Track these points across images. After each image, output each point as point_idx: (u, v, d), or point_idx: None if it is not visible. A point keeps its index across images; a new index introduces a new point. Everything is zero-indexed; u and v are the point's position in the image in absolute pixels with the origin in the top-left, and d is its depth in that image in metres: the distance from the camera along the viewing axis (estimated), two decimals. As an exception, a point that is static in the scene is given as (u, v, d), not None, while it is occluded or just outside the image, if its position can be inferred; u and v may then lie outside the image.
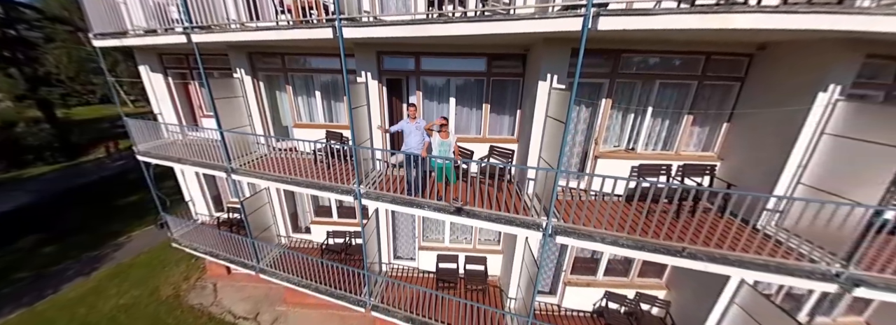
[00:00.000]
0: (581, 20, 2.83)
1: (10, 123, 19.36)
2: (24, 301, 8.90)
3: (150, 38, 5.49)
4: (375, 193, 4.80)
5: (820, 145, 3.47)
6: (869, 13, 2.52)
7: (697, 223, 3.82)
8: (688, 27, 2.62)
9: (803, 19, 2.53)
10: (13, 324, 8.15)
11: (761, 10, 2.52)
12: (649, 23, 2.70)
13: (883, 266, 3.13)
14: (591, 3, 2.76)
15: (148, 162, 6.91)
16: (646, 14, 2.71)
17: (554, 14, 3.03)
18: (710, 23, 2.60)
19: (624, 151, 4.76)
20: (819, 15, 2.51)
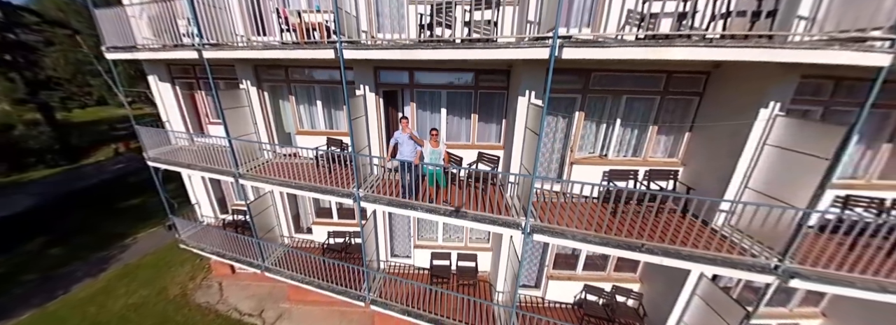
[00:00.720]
0: (548, 50, 3.32)
1: (9, 126, 19.58)
2: (35, 302, 9.26)
3: (162, 53, 5.90)
4: (373, 196, 5.26)
5: (763, 155, 3.98)
6: (790, 47, 3.02)
7: (662, 223, 4.34)
8: (635, 58, 3.11)
9: (731, 52, 3.03)
10: (26, 324, 8.53)
11: (695, 45, 3.02)
12: (604, 54, 3.19)
13: (815, 260, 3.65)
14: (556, 36, 3.25)
15: (158, 167, 7.33)
16: (601, 46, 3.20)
17: (526, 44, 3.51)
18: (653, 55, 3.09)
19: (597, 157, 5.27)
20: (744, 49, 3.00)
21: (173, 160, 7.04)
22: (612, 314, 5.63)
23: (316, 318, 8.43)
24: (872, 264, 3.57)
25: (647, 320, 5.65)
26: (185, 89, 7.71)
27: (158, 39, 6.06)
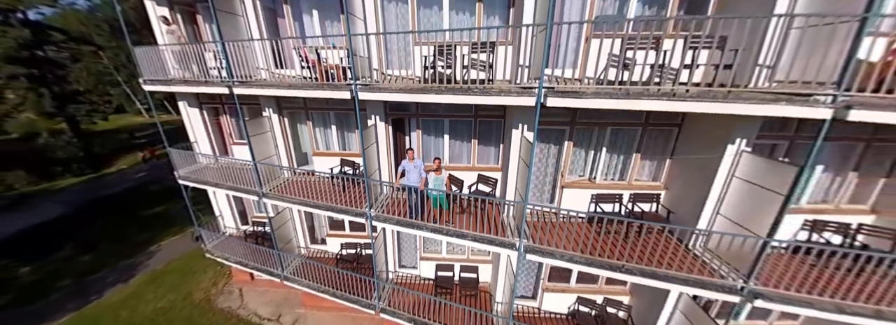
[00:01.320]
0: (534, 99, 3.87)
1: (34, 134, 20.68)
2: (71, 306, 10.07)
3: (195, 87, 6.60)
4: (383, 216, 5.85)
5: (731, 186, 4.44)
6: (742, 102, 3.49)
7: (643, 243, 4.82)
8: (609, 108, 3.64)
9: (691, 106, 3.53)
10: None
11: (659, 99, 3.53)
12: (582, 103, 3.73)
13: (780, 281, 4.09)
14: (541, 86, 3.80)
15: (187, 185, 8.06)
16: (579, 96, 3.74)
17: (515, 92, 4.07)
18: (625, 106, 3.61)
19: (587, 180, 5.77)
20: (702, 103, 3.50)
21: (202, 179, 7.75)
22: (601, 322, 6.10)
23: (329, 323, 9.04)
24: (831, 284, 4.00)
25: (636, 329, 6.10)
26: (211, 114, 8.44)
27: (185, 70, 6.80)
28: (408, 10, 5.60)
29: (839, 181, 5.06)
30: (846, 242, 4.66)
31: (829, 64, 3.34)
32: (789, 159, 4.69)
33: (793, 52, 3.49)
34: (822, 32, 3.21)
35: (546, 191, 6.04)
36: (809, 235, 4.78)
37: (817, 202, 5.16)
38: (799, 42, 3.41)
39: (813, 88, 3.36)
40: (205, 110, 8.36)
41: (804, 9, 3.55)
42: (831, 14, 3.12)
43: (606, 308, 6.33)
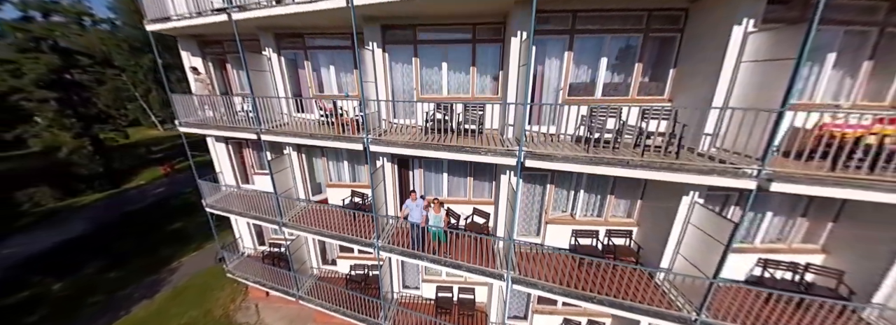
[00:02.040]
0: (516, 159, 4.70)
1: (54, 148, 21.67)
2: (102, 322, 10.92)
3: (227, 132, 7.54)
4: (389, 247, 6.67)
5: (687, 231, 5.16)
6: (685, 172, 4.26)
7: (619, 275, 5.55)
8: (575, 170, 4.46)
9: (643, 173, 4.32)
10: (99, 340, 10.17)
11: (615, 166, 4.35)
12: (553, 166, 4.55)
13: (728, 313, 4.79)
14: (521, 149, 4.63)
15: (213, 213, 8.97)
16: (551, 160, 4.56)
17: (501, 153, 4.91)
18: (587, 170, 4.43)
19: (568, 216, 6.56)
20: (651, 171, 4.28)
21: (228, 208, 8.66)
22: (586, 344, 6.79)
23: (339, 338, 9.77)
24: (774, 317, 4.70)
25: (616, 349, 6.78)
26: (235, 148, 9.40)
27: (215, 111, 7.78)
28: (412, 69, 6.52)
29: (791, 224, 5.76)
30: (796, 278, 5.37)
31: (754, 143, 4.11)
32: (740, 207, 5.45)
33: (733, 127, 4.24)
34: (750, 116, 3.97)
35: (533, 224, 6.83)
36: (762, 272, 5.49)
37: (773, 241, 5.85)
38: (733, 122, 4.18)
39: (743, 160, 4.14)
40: (230, 145, 9.32)
41: (737, 97, 4.32)
42: (754, 108, 3.87)
43: (591, 329, 7.03)
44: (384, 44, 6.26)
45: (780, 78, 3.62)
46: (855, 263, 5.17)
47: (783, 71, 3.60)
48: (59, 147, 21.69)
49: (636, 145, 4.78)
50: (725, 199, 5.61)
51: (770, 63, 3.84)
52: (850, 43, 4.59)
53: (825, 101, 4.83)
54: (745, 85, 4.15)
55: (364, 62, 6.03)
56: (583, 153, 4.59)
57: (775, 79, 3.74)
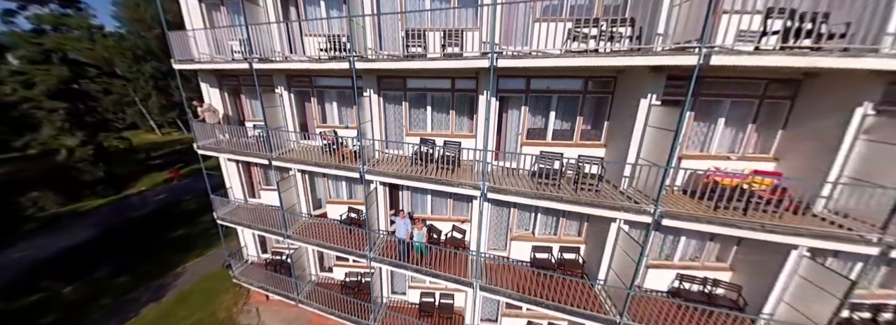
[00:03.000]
0: (479, 192, 5.99)
1: (51, 151, 22.18)
2: (112, 323, 11.85)
3: (241, 156, 8.70)
4: (379, 258, 7.87)
5: (616, 251, 6.46)
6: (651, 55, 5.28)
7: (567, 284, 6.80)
8: (547, 65, 5.76)
9: (605, 60, 5.58)
10: (111, 340, 11.09)
11: (579, 56, 5.65)
12: (509, 198, 5.84)
13: (647, 317, 6.06)
14: (484, 188, 5.92)
15: (223, 224, 10.09)
16: (506, 193, 5.86)
17: (469, 186, 6.20)
18: (557, 63, 5.73)
19: (529, 234, 7.85)
20: (617, 57, 5.42)
21: (238, 221, 9.79)
22: (545, 342, 8.03)
23: (333, 339, 10.85)
24: (684, 321, 5.98)
25: (571, 346, 8.01)
26: (244, 167, 10.54)
27: (232, 136, 8.98)
28: (402, 110, 7.82)
29: (703, 246, 7.09)
30: (705, 290, 6.70)
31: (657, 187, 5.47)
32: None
33: (643, 173, 5.60)
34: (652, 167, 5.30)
35: (501, 240, 8.11)
36: (680, 284, 6.82)
37: (690, 259, 7.19)
38: (642, 170, 5.54)
39: (646, 199, 5.49)
40: (239, 165, 10.47)
41: (646, 149, 5.65)
42: (648, 163, 5.23)
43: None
44: (379, 90, 7.56)
45: (671, 142, 4.97)
46: (751, 279, 6.51)
47: (671, 137, 4.95)
48: (58, 150, 22.38)
49: (575, 182, 6.10)
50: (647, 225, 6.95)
51: (665, 130, 5.20)
52: (737, 109, 6.00)
53: (720, 152, 6.22)
54: (651, 143, 5.50)
55: (362, 106, 7.31)
56: (529, 189, 5.90)
57: (669, 141, 5.09)
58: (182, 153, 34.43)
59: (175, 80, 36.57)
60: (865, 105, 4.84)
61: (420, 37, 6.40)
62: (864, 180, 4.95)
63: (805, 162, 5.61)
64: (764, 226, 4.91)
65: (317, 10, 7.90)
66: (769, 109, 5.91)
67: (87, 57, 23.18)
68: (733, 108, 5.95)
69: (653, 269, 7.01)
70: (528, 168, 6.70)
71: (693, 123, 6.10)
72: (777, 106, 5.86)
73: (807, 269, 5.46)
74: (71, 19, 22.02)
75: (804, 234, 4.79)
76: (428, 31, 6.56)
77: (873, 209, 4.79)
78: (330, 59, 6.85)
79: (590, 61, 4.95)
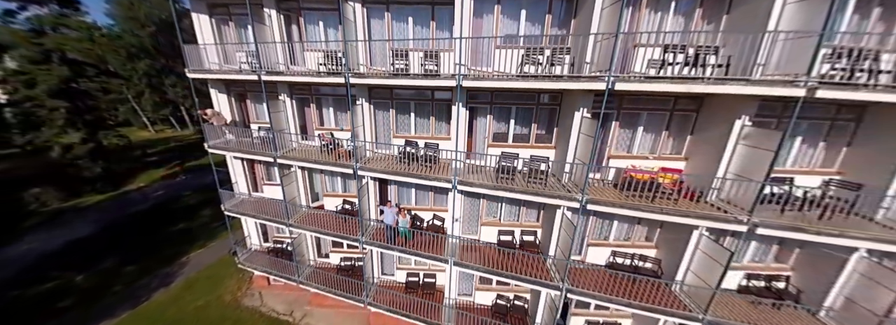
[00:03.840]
0: (450, 184, 7.44)
1: (52, 148, 22.75)
2: (127, 306, 12.98)
3: (249, 155, 9.96)
4: (370, 241, 9.27)
5: (561, 232, 8.00)
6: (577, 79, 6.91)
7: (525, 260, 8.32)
8: (506, 87, 7.24)
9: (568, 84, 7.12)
10: (127, 321, 12.23)
11: (543, 80, 7.14)
12: (479, 190, 7.32)
13: (586, 285, 7.61)
14: (455, 181, 7.37)
15: (232, 215, 11.34)
16: (475, 186, 7.33)
17: (443, 180, 7.64)
18: (510, 85, 7.21)
19: (496, 220, 9.35)
20: (569, 82, 7.03)
21: (245, 212, 11.04)
22: (510, 310, 9.58)
23: (329, 316, 12.26)
24: (615, 288, 7.55)
25: (529, 315, 9.58)
26: (249, 164, 11.76)
27: (238, 136, 10.22)
28: (390, 116, 9.19)
29: (632, 229, 8.66)
30: (635, 263, 8.30)
31: (592, 181, 7.00)
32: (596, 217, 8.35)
33: (577, 170, 7.14)
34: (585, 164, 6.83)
35: (473, 225, 9.59)
36: (613, 259, 8.41)
37: (623, 239, 8.76)
38: (577, 167, 7.05)
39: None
40: (244, 162, 11.70)
41: (580, 151, 7.19)
42: (581, 162, 6.76)
43: (515, 302, 9.81)
44: (370, 99, 8.92)
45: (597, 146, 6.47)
46: (668, 254, 8.12)
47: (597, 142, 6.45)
48: (59, 147, 22.81)
49: (528, 176, 7.59)
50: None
51: (590, 137, 6.70)
52: (653, 119, 7.56)
53: (642, 153, 7.79)
54: (583, 146, 7.00)
55: (355, 112, 8.66)
56: (491, 183, 7.38)
57: (596, 145, 6.58)
58: (177, 150, 35.08)
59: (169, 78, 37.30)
60: (743, 118, 6.41)
61: (404, 55, 7.82)
62: (742, 175, 6.54)
63: (705, 161, 7.18)
64: (663, 210, 6.48)
65: (316, 28, 9.16)
66: (679, 120, 7.48)
67: (84, 56, 23.71)
68: (649, 118, 7.50)
69: (593, 247, 8.60)
70: (493, 165, 8.17)
71: (619, 130, 7.66)
72: (685, 117, 7.43)
73: (705, 245, 7.08)
74: (70, 20, 22.55)
75: (691, 215, 6.38)
76: (410, 51, 7.97)
77: (746, 198, 6.39)
78: (328, 73, 8.18)
79: (533, 85, 6.43)
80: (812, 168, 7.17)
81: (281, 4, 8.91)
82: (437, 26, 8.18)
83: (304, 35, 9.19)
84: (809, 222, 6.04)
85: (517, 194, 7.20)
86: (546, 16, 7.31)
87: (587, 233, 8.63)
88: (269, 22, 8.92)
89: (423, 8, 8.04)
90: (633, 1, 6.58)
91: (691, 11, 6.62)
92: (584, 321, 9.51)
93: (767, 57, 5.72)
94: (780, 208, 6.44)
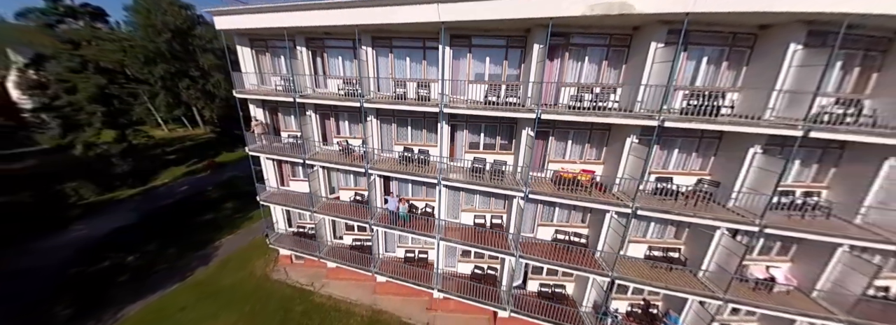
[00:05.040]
0: (436, 181, 10.40)
1: (67, 146, 25.37)
2: (175, 280, 15.89)
3: (281, 156, 12.84)
4: (376, 223, 12.23)
5: (523, 215, 10.99)
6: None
7: (493, 236, 11.32)
8: (479, 114, 10.25)
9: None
10: (174, 294, 15.09)
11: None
12: (456, 184, 10.30)
13: (534, 253, 10.61)
14: (440, 180, 10.33)
15: (266, 205, 14.27)
16: (452, 182, 10.32)
17: (431, 178, 10.62)
18: (485, 113, 10.21)
19: (473, 208, 12.34)
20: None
21: (277, 202, 13.98)
22: (484, 276, 12.60)
23: (343, 286, 15.22)
24: (557, 255, 10.55)
25: (498, 280, 12.59)
26: (277, 164, 14.65)
27: (271, 143, 13.11)
28: (392, 128, 12.11)
29: (570, 213, 11.65)
30: (570, 238, 11.29)
31: (535, 178, 9.98)
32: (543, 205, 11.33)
33: (522, 170, 10.12)
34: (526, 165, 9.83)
35: (456, 212, 12.55)
36: (556, 235, 11.41)
37: (564, 221, 11.74)
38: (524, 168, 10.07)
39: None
40: (274, 162, 14.58)
41: (523, 157, 10.20)
42: (526, 167, 9.76)
43: (488, 270, 12.83)
44: (377, 115, 11.82)
45: (533, 154, 9.40)
46: (593, 231, 11.10)
47: (535, 151, 9.40)
48: (96, 145, 25.28)
49: (492, 175, 10.53)
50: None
51: (530, 148, 9.66)
52: (579, 135, 10.52)
53: (572, 159, 10.77)
54: (527, 154, 9.98)
55: (366, 125, 11.54)
56: (464, 179, 10.34)
57: (536, 153, 9.52)
58: (192, 149, 37.78)
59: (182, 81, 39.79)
60: (632, 136, 9.34)
61: (404, 85, 10.73)
62: (631, 176, 9.51)
63: (613, 165, 10.13)
64: (578, 198, 9.46)
65: (337, 61, 12.02)
66: (598, 135, 10.44)
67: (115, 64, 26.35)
68: (576, 134, 10.48)
69: (541, 227, 11.61)
70: (468, 166, 11.11)
71: (555, 143, 10.62)
72: (603, 133, 10.39)
73: (613, 224, 10.07)
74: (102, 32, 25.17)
75: (593, 202, 9.36)
76: (407, 81, 10.89)
77: (630, 190, 9.35)
78: (346, 97, 11.05)
79: (492, 112, 9.36)
80: (689, 171, 10.16)
81: (310, 43, 11.76)
82: (427, 63, 11.06)
83: (326, 67, 12.07)
84: (674, 207, 9.04)
85: (484, 187, 10.17)
86: (504, 61, 10.22)
87: (536, 216, 11.62)
88: (300, 56, 11.78)
89: (416, 50, 10.93)
90: (559, 55, 9.49)
91: (599, 62, 9.54)
92: (538, 284, 12.55)
93: (643, 97, 8.66)
94: (661, 198, 9.42)
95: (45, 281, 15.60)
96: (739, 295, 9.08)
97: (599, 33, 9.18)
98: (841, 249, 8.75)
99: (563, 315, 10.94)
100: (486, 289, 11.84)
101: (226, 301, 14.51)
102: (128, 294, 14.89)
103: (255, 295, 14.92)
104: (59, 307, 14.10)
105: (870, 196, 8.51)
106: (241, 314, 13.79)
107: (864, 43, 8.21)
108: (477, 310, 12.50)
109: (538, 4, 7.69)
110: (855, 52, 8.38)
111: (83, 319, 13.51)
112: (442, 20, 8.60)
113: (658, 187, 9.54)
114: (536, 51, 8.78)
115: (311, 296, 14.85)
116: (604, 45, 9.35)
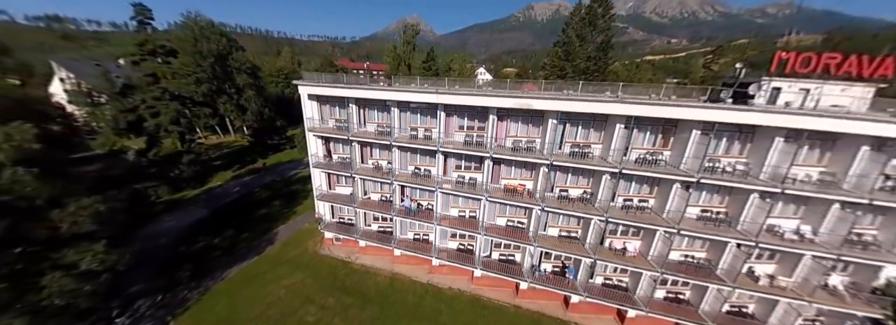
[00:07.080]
0: (435, 188, 17.52)
1: (121, 151, 32.39)
2: (252, 256, 22.87)
3: (326, 169, 19.89)
4: (396, 215, 19.30)
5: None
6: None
7: (471, 221, 18.41)
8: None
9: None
10: (256, 264, 22.09)
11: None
12: (438, 206, 17.46)
13: (491, 232, 17.67)
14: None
15: (319, 201, 21.40)
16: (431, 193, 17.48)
17: (432, 187, 17.78)
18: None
19: (459, 206, 19.41)
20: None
21: (327, 200, 21.11)
22: (465, 250, 19.68)
23: (371, 259, 22.26)
24: (507, 233, 17.62)
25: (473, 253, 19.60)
26: (326, 175, 21.72)
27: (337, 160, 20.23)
28: (408, 155, 19.18)
29: (517, 211, 18.75)
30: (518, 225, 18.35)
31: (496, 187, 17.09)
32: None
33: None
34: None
35: (448, 208, 19.61)
36: (507, 222, 18.49)
37: (512, 215, 18.83)
38: (486, 181, 17.15)
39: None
40: (325, 174, 21.62)
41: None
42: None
43: (468, 246, 19.90)
44: (399, 148, 18.90)
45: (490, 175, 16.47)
46: (528, 220, 18.16)
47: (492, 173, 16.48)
48: (125, 151, 32.65)
49: (471, 186, 17.56)
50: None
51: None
52: (520, 164, 17.58)
53: (516, 177, 17.82)
54: (488, 173, 17.07)
55: (392, 153, 18.59)
56: (453, 187, 17.41)
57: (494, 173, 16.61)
58: (230, 155, 44.78)
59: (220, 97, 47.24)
60: (543, 168, 16.41)
61: (415, 129, 17.87)
62: (544, 188, 16.58)
63: (537, 181, 17.15)
64: (517, 201, 16.54)
65: (374, 112, 19.10)
66: (529, 164, 17.49)
67: (180, 90, 33.37)
68: (516, 164, 17.57)
69: (499, 217, 18.68)
70: (455, 180, 18.14)
71: (505, 168, 17.68)
72: (531, 164, 17.43)
73: (540, 215, 17.12)
74: (175, 67, 32.22)
75: (525, 202, 16.44)
76: (418, 128, 18.02)
77: (547, 195, 16.43)
78: (379, 135, 18.11)
79: (468, 151, 16.49)
80: (578, 185, 17.21)
81: (358, 102, 18.85)
82: (431, 118, 18.12)
83: (366, 115, 19.18)
84: (571, 207, 16.11)
85: (464, 193, 17.26)
86: (475, 120, 17.33)
87: (495, 211, 18.68)
88: (351, 109, 18.87)
89: (426, 110, 18.00)
90: (505, 119, 16.54)
91: (528, 124, 16.59)
92: (498, 254, 19.58)
93: (544, 144, 15.73)
94: (561, 201, 16.46)
95: (167, 253, 22.64)
96: (605, 256, 16.18)
97: (525, 111, 16.31)
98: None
99: (512, 271, 18.02)
100: (467, 257, 18.95)
101: (293, 267, 21.57)
102: (224, 264, 21.92)
103: (311, 264, 21.99)
104: (181, 271, 21.13)
105: (668, 204, 15.65)
106: (306, 274, 20.85)
107: (662, 122, 15.31)
108: (461, 272, 19.61)
109: (491, 100, 14.83)
110: (657, 126, 15.48)
111: (200, 278, 20.53)
112: (438, 101, 15.72)
113: (560, 194, 16.63)
114: (491, 116, 15.88)
115: (349, 265, 21.92)
116: (530, 115, 16.45)
